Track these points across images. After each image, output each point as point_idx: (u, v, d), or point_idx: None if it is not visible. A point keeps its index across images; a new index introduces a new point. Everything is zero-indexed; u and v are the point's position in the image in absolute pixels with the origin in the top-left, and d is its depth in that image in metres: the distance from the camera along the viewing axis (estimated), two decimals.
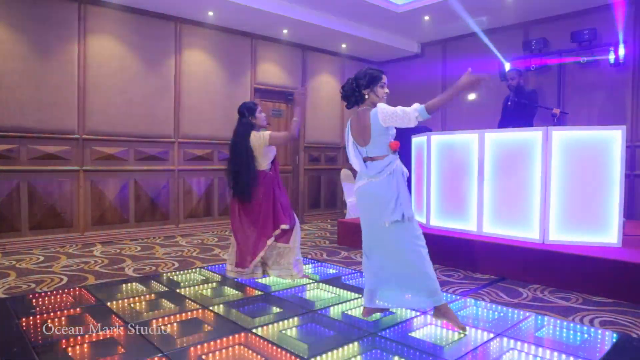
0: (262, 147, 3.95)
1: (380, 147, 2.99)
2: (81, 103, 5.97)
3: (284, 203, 4.09)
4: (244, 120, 4.02)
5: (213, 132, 7.20)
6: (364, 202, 3.09)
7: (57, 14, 5.77)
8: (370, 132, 2.95)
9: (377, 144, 2.98)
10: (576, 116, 6.54)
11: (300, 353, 2.55)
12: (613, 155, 4.22)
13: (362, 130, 3.00)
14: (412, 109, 2.83)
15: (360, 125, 3.02)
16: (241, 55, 7.54)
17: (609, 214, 4.25)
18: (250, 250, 4.00)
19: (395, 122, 2.89)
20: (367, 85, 3.02)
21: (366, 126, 2.97)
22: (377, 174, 2.95)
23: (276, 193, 4.05)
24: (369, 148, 3.01)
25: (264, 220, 3.99)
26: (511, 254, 4.37)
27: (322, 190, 8.87)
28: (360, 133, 3.02)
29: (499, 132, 4.85)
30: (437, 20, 7.39)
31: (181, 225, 6.95)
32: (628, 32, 6.32)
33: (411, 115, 2.82)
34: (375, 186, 2.97)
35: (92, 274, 4.43)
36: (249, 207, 4.02)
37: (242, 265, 4.04)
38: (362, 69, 3.09)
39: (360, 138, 3.03)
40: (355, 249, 5.77)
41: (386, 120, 2.90)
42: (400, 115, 2.85)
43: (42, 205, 5.74)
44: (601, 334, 2.93)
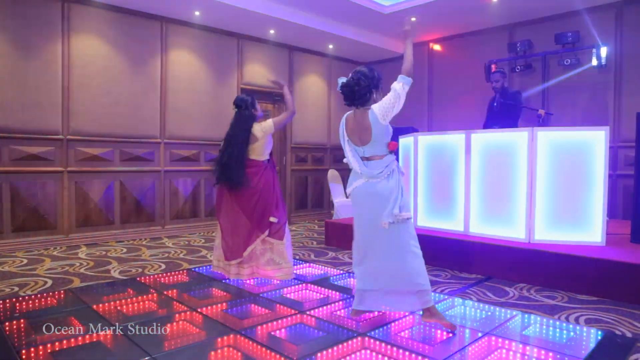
0: (266, 136, 4.01)
1: (379, 147, 2.98)
2: (65, 103, 5.89)
3: (280, 197, 4.14)
4: (245, 112, 4.03)
5: (199, 133, 7.15)
6: (362, 202, 3.04)
7: (40, 13, 5.67)
8: (372, 133, 2.94)
9: (376, 144, 2.97)
10: (560, 117, 6.63)
11: (290, 354, 2.54)
12: (597, 156, 4.29)
13: (362, 130, 2.98)
14: (398, 86, 2.91)
15: (360, 126, 2.99)
16: (228, 56, 7.51)
17: (593, 214, 4.32)
18: (242, 241, 3.99)
19: (393, 110, 2.91)
20: (376, 86, 3.02)
21: (367, 127, 2.95)
22: (378, 173, 2.93)
23: (275, 186, 4.06)
24: (366, 148, 3.00)
25: (262, 211, 3.99)
26: (498, 254, 4.42)
27: (309, 190, 8.86)
28: (359, 133, 2.99)
29: (486, 132, 4.89)
30: (424, 22, 7.43)
31: (167, 226, 6.89)
32: (610, 35, 6.43)
33: (400, 91, 2.91)
34: (376, 186, 2.95)
35: (77, 277, 4.37)
36: (244, 197, 3.98)
37: (233, 257, 4.02)
38: (366, 69, 3.02)
39: (357, 138, 3.01)
40: (343, 249, 5.77)
41: (386, 116, 2.91)
42: (393, 101, 2.89)
43: (25, 207, 5.65)
44: (586, 332, 2.97)
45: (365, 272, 3.07)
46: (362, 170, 2.99)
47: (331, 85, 9.08)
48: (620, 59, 6.40)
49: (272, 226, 4.05)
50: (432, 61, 8.46)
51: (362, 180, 3.00)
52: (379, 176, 2.94)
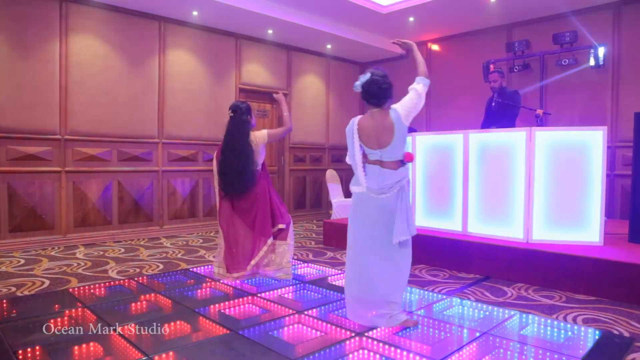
0: (259, 146, 4.00)
1: (398, 151, 2.89)
2: (63, 103, 5.87)
3: (278, 202, 4.14)
4: (243, 117, 3.97)
5: (197, 133, 7.14)
6: (368, 212, 2.94)
7: (38, 12, 5.66)
8: (394, 134, 2.84)
9: (395, 148, 2.87)
10: (558, 117, 6.64)
11: (288, 354, 2.54)
12: (595, 156, 4.29)
13: (383, 131, 2.86)
14: (419, 87, 2.91)
15: (380, 127, 2.87)
16: (226, 56, 7.50)
17: (591, 213, 4.32)
18: (247, 253, 4.00)
19: (415, 109, 2.89)
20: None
21: (389, 127, 2.85)
22: (389, 188, 2.85)
23: (271, 192, 4.07)
24: (385, 152, 2.87)
25: (263, 219, 3.99)
26: (496, 253, 4.42)
27: (307, 190, 8.86)
28: (378, 135, 2.87)
29: (484, 132, 4.89)
30: (422, 22, 7.44)
31: (165, 226, 6.88)
32: (607, 35, 6.45)
33: (422, 92, 2.91)
34: (380, 200, 2.87)
35: (74, 277, 4.36)
36: (243, 208, 4.00)
37: (236, 270, 4.03)
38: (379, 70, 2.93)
39: (375, 140, 2.88)
40: (341, 249, 5.77)
41: (409, 116, 2.88)
42: (416, 100, 2.88)
43: (22, 207, 5.63)
44: (584, 332, 2.97)
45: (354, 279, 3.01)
46: (368, 183, 2.89)
47: (329, 85, 9.08)
48: (618, 59, 6.41)
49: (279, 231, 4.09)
50: (430, 61, 8.46)
51: (362, 190, 2.93)
52: (388, 191, 2.86)
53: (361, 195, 2.97)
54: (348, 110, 9.30)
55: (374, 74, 2.91)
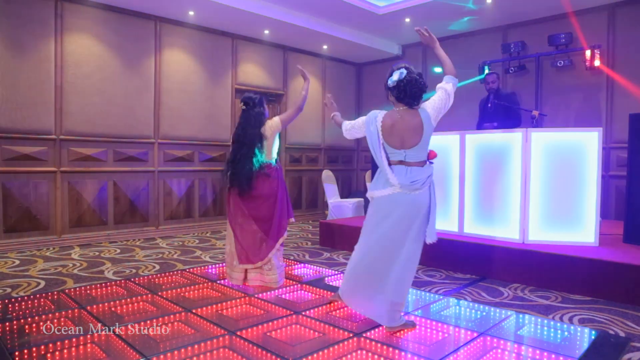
0: (274, 134, 3.94)
1: (423, 152, 2.84)
2: (58, 103, 5.85)
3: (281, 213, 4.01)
4: (256, 110, 3.94)
5: (193, 133, 7.13)
6: (391, 211, 2.84)
7: (33, 12, 5.63)
8: (422, 134, 2.79)
9: (421, 149, 2.81)
10: (554, 118, 6.67)
11: (285, 355, 2.53)
12: (590, 157, 4.32)
13: (410, 131, 2.79)
14: (448, 86, 2.82)
15: (408, 126, 2.79)
16: (222, 56, 7.49)
17: (586, 214, 4.35)
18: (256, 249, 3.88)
19: (444, 109, 2.84)
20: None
21: (418, 128, 2.79)
22: (421, 184, 2.79)
23: (283, 188, 4.03)
24: (410, 152, 2.81)
25: (280, 218, 3.93)
26: (492, 254, 4.43)
27: (303, 191, 8.86)
28: (405, 134, 2.80)
29: (480, 133, 4.91)
30: (418, 23, 7.45)
31: (161, 227, 6.86)
32: (602, 37, 6.48)
33: (451, 91, 2.84)
34: (414, 197, 2.80)
35: (70, 278, 4.34)
36: (254, 203, 3.89)
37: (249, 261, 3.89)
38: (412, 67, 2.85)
39: (400, 140, 2.80)
40: (337, 250, 5.77)
41: (438, 116, 2.83)
42: (445, 100, 2.81)
43: (17, 208, 5.60)
44: (580, 332, 2.99)
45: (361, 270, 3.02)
46: (399, 180, 2.78)
47: (325, 85, 9.08)
48: (613, 61, 6.45)
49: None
50: (426, 62, 8.47)
51: (393, 190, 2.81)
52: (421, 187, 2.79)
53: (389, 198, 2.84)
54: (344, 111, 9.23)
55: (411, 71, 2.80)
